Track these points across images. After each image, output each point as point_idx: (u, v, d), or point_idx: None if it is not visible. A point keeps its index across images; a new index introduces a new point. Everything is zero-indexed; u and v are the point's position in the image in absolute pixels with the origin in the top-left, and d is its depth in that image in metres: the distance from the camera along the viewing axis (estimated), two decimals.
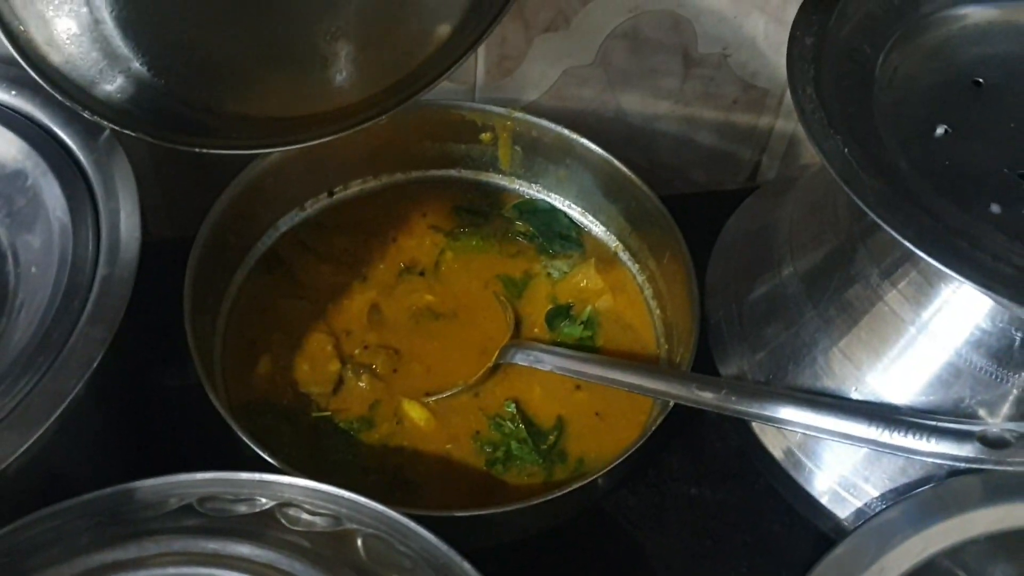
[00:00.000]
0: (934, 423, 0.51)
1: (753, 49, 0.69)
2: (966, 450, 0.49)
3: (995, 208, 0.50)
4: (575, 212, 0.71)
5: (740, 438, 0.61)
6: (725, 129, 0.75)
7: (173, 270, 0.58)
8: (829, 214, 0.58)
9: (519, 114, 0.67)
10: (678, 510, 0.62)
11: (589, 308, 0.66)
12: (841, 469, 0.56)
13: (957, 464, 0.51)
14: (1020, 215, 0.50)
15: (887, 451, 0.52)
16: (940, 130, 0.53)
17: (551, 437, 0.60)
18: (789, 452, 0.58)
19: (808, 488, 0.57)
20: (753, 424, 0.59)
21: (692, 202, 0.75)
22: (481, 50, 0.65)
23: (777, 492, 0.60)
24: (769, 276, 0.60)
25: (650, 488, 0.63)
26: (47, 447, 0.46)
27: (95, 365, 0.47)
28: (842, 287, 0.56)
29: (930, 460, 0.51)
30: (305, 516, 0.46)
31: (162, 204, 0.69)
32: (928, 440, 0.50)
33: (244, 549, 0.43)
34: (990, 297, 0.46)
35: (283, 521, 0.46)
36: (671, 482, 0.63)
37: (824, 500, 0.57)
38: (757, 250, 0.63)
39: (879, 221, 0.46)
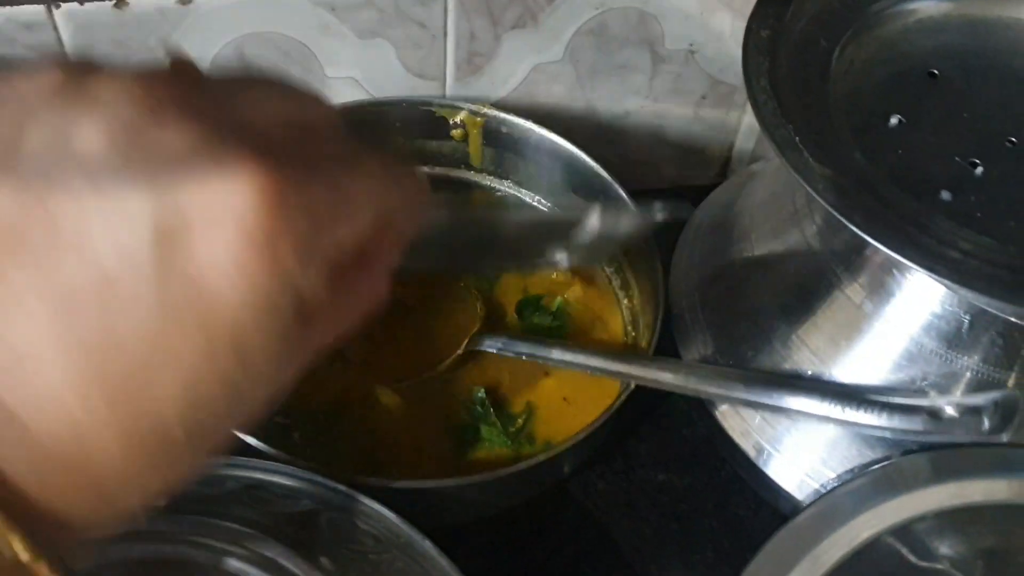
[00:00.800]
0: (885, 399, 0.52)
1: (720, 45, 0.71)
2: (915, 423, 0.51)
3: (945, 195, 0.51)
4: (545, 207, 0.72)
5: (706, 427, 0.62)
6: (695, 124, 0.76)
7: None
8: (787, 205, 0.59)
9: (488, 110, 0.68)
10: (646, 495, 0.63)
11: (559, 299, 0.67)
12: (802, 455, 0.57)
13: (907, 437, 0.52)
14: (970, 202, 0.51)
15: (841, 425, 0.54)
16: (894, 120, 0.54)
17: (519, 420, 0.61)
18: (753, 440, 0.59)
19: (771, 474, 0.59)
20: (718, 413, 0.60)
21: (663, 196, 0.76)
22: (451, 47, 0.67)
23: (741, 478, 0.61)
24: (730, 266, 0.62)
25: (618, 475, 0.64)
26: None
27: None
28: (800, 276, 0.57)
29: (881, 434, 0.53)
30: (271, 497, 0.47)
31: None
32: (879, 415, 0.51)
33: (209, 529, 0.45)
34: (934, 279, 0.47)
35: (249, 502, 0.47)
36: (639, 468, 0.64)
37: (786, 485, 0.58)
38: (719, 240, 0.64)
39: (827, 206, 0.47)
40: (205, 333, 0.26)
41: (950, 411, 0.50)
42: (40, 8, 0.59)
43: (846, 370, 0.55)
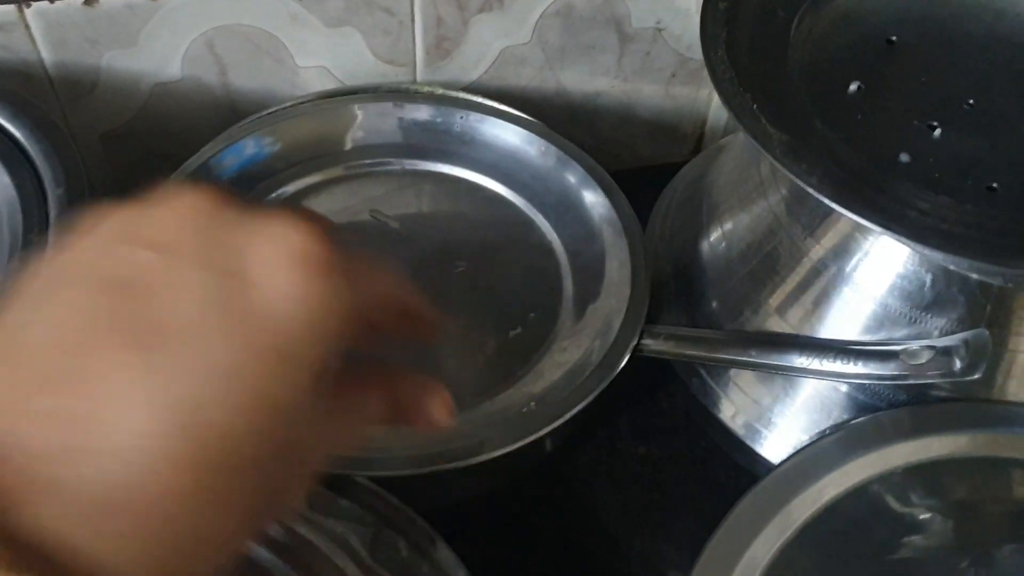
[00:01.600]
0: (860, 348, 0.53)
1: (686, 22, 0.71)
2: (890, 368, 0.52)
3: (904, 157, 0.52)
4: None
5: (683, 400, 0.64)
6: (666, 102, 0.77)
7: None
8: (753, 176, 0.60)
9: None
10: (627, 468, 0.64)
11: None
12: (777, 421, 0.58)
13: (883, 383, 0.53)
14: (928, 163, 0.52)
15: (819, 378, 0.55)
16: (853, 87, 0.55)
17: None
18: (729, 410, 0.60)
19: (748, 442, 0.60)
20: (695, 386, 0.61)
21: (637, 175, 0.77)
22: (419, 33, 0.67)
23: (719, 447, 0.62)
24: (700, 239, 0.63)
25: (600, 448, 0.65)
26: None
27: None
28: (768, 245, 0.58)
29: (858, 382, 0.54)
30: None
31: (117, 195, 0.71)
32: (855, 363, 0.52)
33: None
34: (893, 238, 0.48)
35: None
36: (619, 442, 0.65)
37: (762, 451, 0.59)
38: (690, 214, 0.65)
39: (784, 170, 0.48)
40: (275, 352, 0.29)
41: (922, 354, 0.51)
42: (11, 8, 0.60)
43: (816, 335, 0.56)
